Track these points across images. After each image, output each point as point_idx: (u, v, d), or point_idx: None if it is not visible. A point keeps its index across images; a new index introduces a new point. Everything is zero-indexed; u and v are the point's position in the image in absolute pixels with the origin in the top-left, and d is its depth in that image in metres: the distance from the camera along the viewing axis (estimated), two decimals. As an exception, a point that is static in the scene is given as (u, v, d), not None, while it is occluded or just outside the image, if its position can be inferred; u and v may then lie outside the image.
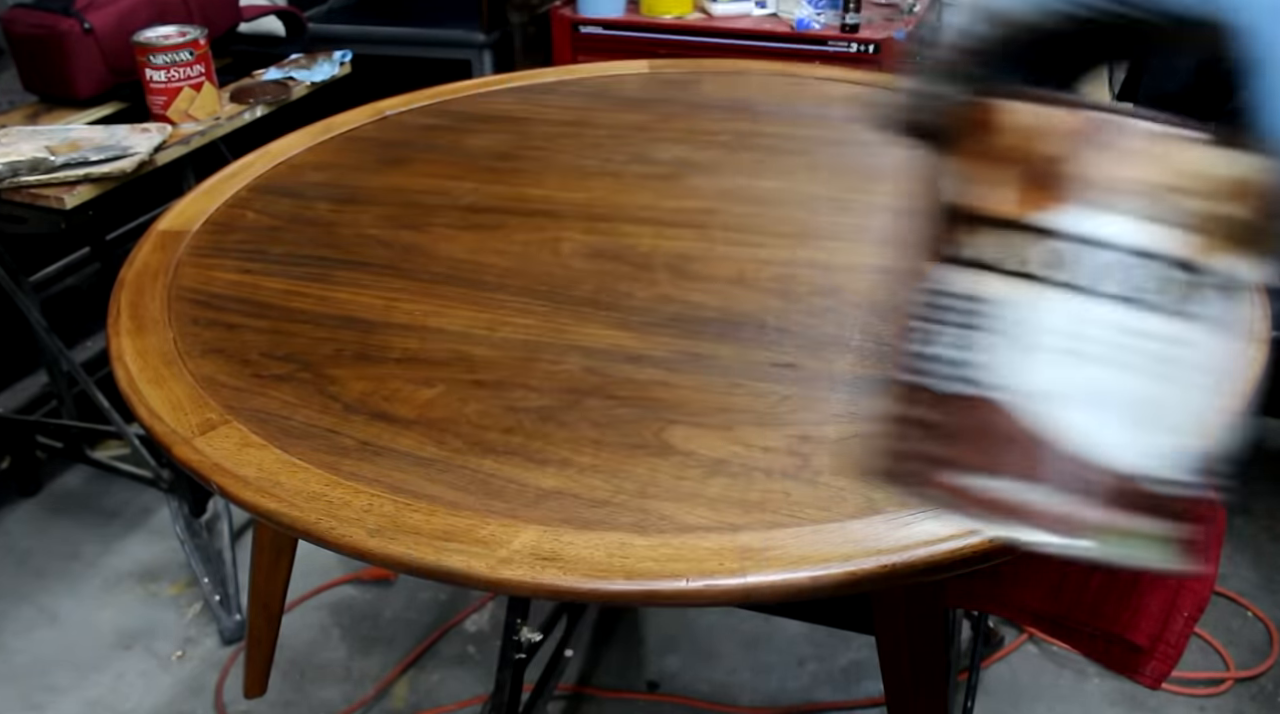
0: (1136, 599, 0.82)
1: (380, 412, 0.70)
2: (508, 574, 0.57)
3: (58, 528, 1.88)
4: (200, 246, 0.92)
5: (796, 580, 0.56)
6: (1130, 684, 1.05)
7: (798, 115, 1.17)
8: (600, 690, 1.56)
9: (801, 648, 1.62)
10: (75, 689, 1.58)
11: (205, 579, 1.69)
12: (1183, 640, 0.82)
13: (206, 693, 1.56)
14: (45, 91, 1.61)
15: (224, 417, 0.70)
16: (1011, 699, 1.53)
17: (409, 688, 1.57)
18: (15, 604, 1.72)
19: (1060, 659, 1.57)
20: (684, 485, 0.63)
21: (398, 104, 1.22)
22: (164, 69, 1.51)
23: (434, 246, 0.91)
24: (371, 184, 1.03)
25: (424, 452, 0.66)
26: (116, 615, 1.70)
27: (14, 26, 1.56)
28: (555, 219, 0.95)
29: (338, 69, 1.78)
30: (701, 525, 0.59)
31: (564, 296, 0.83)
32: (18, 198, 1.38)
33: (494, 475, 0.64)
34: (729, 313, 0.80)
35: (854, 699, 1.53)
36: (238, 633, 1.64)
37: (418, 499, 0.62)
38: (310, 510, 0.61)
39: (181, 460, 0.66)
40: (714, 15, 2.25)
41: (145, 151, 1.42)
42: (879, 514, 0.60)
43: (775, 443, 0.66)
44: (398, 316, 0.81)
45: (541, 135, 1.14)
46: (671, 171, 1.04)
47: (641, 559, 0.57)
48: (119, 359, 0.76)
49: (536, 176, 1.04)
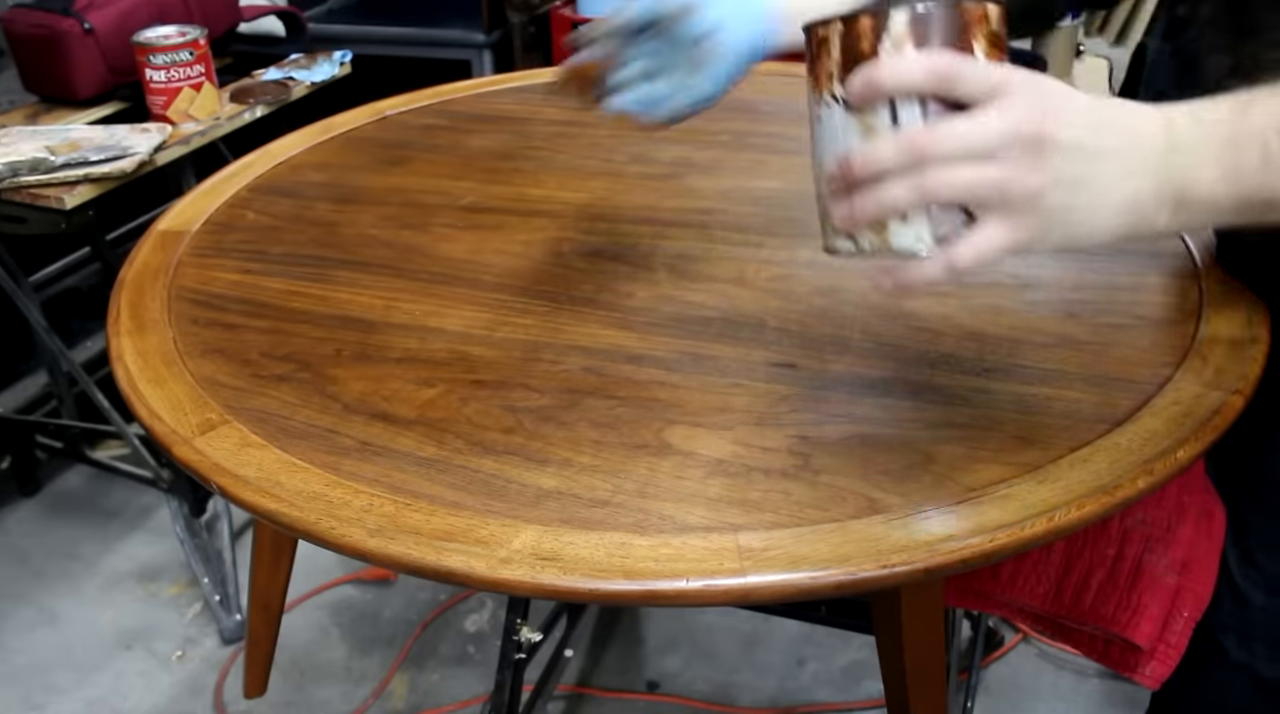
0: (1136, 599, 0.82)
1: (380, 412, 0.70)
2: (507, 574, 0.57)
3: (58, 528, 1.88)
4: (200, 247, 0.92)
5: (796, 581, 0.56)
6: (1130, 684, 1.05)
7: (798, 115, 1.17)
8: (600, 690, 1.56)
9: (801, 648, 1.62)
10: (75, 689, 1.58)
11: (205, 579, 1.69)
12: (1183, 641, 0.82)
13: (206, 693, 1.56)
14: (45, 91, 1.61)
15: (224, 417, 0.70)
16: (1011, 699, 1.53)
17: (409, 688, 1.57)
18: (15, 604, 1.72)
19: (1060, 659, 1.57)
20: (684, 485, 0.63)
21: (398, 104, 1.22)
22: (164, 69, 1.51)
23: (434, 246, 0.91)
24: (371, 184, 1.03)
25: (424, 452, 0.66)
26: (116, 615, 1.70)
27: (14, 26, 1.56)
28: (555, 219, 0.95)
29: (338, 69, 1.78)
30: (701, 525, 0.59)
31: (564, 296, 0.83)
32: (18, 198, 1.38)
33: (494, 475, 0.64)
34: (729, 313, 0.80)
35: (854, 699, 1.54)
36: (238, 633, 1.64)
37: (417, 499, 0.62)
38: (310, 510, 0.61)
39: (182, 461, 0.66)
40: (714, 15, 2.25)
41: (145, 151, 1.42)
42: (879, 514, 0.60)
43: (775, 443, 0.66)
44: (398, 317, 0.81)
45: (541, 135, 1.14)
46: (671, 171, 1.04)
47: (641, 559, 0.57)
48: (119, 359, 0.76)
49: (536, 176, 1.04)
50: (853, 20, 0.54)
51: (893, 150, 0.52)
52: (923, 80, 0.52)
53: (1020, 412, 0.68)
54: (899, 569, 0.56)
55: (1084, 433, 0.65)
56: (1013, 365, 0.73)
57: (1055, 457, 0.63)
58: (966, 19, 0.54)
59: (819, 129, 0.58)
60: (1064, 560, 0.85)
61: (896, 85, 0.52)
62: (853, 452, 0.65)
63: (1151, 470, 0.62)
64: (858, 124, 0.55)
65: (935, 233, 0.54)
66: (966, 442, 0.65)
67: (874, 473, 0.63)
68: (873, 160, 0.53)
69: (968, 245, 0.53)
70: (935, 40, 0.53)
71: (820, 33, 0.56)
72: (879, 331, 0.77)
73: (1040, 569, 0.86)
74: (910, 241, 0.55)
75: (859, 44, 0.54)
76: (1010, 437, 0.66)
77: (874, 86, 0.53)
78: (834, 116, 0.56)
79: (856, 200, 0.54)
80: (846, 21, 0.54)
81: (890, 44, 0.53)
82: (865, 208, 0.54)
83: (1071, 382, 0.70)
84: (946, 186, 0.52)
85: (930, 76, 0.52)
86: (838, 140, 0.56)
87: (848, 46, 0.54)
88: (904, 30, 0.53)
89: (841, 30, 0.55)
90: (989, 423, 0.67)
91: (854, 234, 0.57)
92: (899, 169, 0.52)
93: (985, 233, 0.53)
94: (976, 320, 0.77)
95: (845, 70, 0.54)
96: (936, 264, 0.54)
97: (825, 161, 0.57)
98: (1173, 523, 0.82)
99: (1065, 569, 0.85)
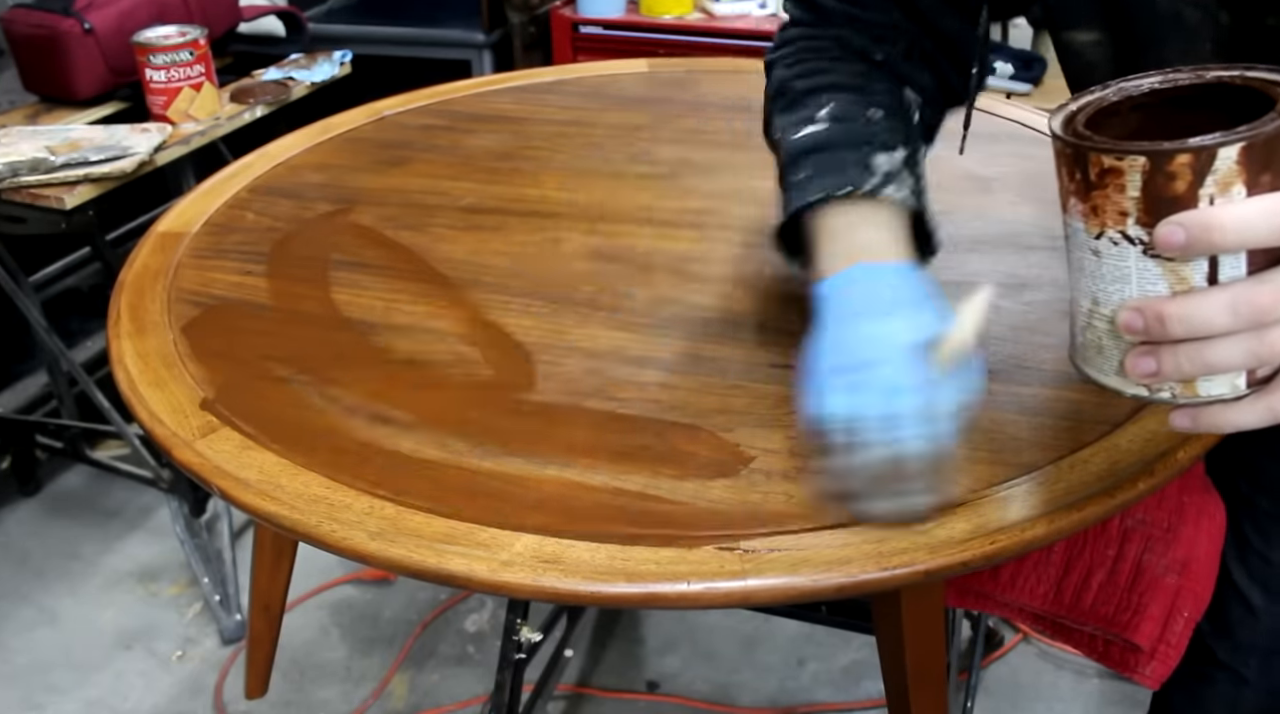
0: (1136, 600, 0.82)
1: (380, 414, 0.70)
2: (508, 577, 0.57)
3: (58, 528, 1.88)
4: (200, 248, 0.92)
5: (797, 584, 0.56)
6: (1130, 684, 1.05)
7: (798, 115, 1.17)
8: (600, 690, 1.56)
9: (801, 648, 1.62)
10: (75, 689, 1.58)
11: (205, 579, 1.69)
12: (1183, 641, 0.82)
13: (206, 693, 1.56)
14: (45, 91, 1.61)
15: (224, 419, 0.69)
16: (1011, 699, 1.53)
17: (409, 688, 1.57)
18: (15, 604, 1.72)
19: (1060, 659, 1.57)
20: (685, 487, 0.63)
21: (397, 104, 1.22)
22: (164, 69, 1.51)
23: (434, 247, 0.91)
24: (371, 185, 1.03)
25: (425, 454, 0.66)
26: (116, 615, 1.70)
27: (14, 26, 1.56)
28: (555, 219, 0.95)
29: (337, 69, 1.78)
30: (703, 528, 0.59)
31: (564, 297, 0.83)
32: (18, 198, 1.37)
33: (495, 477, 0.64)
34: (730, 314, 0.80)
35: (854, 699, 1.54)
36: (238, 633, 1.64)
37: (418, 502, 0.62)
38: (311, 513, 0.61)
39: (182, 463, 0.66)
40: (714, 15, 2.25)
41: (145, 151, 1.42)
42: (879, 516, 0.60)
43: (775, 444, 0.66)
44: (398, 318, 0.81)
45: (541, 135, 1.13)
46: (671, 171, 1.04)
47: (643, 562, 0.57)
48: (119, 362, 0.76)
49: (536, 177, 1.04)
50: (1164, 156, 0.43)
51: (1227, 312, 0.44)
52: (1269, 237, 0.43)
53: (1020, 412, 0.68)
54: (899, 571, 0.56)
55: (1084, 434, 0.65)
56: (1013, 366, 0.73)
57: (1055, 457, 0.63)
58: None
59: (1094, 263, 0.47)
60: (1064, 561, 0.85)
61: (1240, 244, 0.43)
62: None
63: (1151, 471, 0.62)
64: (1164, 273, 0.45)
65: (1252, 375, 0.46)
66: (966, 442, 0.65)
67: (874, 474, 0.63)
68: (1201, 323, 0.44)
69: None
70: (1269, 173, 0.43)
71: (1105, 162, 0.45)
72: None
73: (1040, 569, 0.86)
74: (1224, 389, 0.47)
75: (1171, 183, 0.43)
76: (1010, 437, 0.66)
77: (1207, 245, 0.43)
78: (1125, 256, 0.46)
79: (1167, 357, 0.46)
80: (1153, 156, 0.43)
81: (1215, 186, 0.43)
82: (1183, 368, 0.46)
83: (1071, 382, 0.70)
84: None
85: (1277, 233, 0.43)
86: (1130, 284, 0.46)
87: (1154, 184, 0.43)
88: (1233, 169, 0.43)
89: (1147, 167, 0.43)
90: (989, 424, 0.67)
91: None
92: (1232, 331, 0.44)
93: None
94: (977, 321, 0.77)
95: (1149, 213, 0.44)
96: (1256, 410, 0.47)
97: (1110, 301, 0.47)
98: (1173, 523, 0.82)
99: (1065, 569, 0.85)
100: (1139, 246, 0.45)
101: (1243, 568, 0.86)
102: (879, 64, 0.73)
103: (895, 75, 0.73)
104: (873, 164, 0.65)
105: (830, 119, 0.69)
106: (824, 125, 0.69)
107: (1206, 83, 0.48)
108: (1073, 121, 0.48)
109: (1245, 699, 0.90)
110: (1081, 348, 0.51)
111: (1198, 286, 0.45)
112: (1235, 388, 0.46)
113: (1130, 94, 0.49)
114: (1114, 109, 0.49)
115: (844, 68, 0.73)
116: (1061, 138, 0.47)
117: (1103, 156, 0.44)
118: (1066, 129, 0.48)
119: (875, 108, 0.69)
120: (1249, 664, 0.89)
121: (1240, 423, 0.47)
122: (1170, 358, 0.46)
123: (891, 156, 0.66)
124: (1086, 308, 0.49)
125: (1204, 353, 0.45)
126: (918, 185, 0.68)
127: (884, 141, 0.67)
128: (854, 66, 0.73)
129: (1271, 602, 0.86)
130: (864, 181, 0.65)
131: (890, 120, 0.69)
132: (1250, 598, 0.86)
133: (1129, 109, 0.49)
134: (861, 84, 0.71)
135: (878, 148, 0.66)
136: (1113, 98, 0.49)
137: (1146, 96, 0.49)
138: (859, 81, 0.71)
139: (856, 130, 0.68)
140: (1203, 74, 0.48)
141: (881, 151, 0.66)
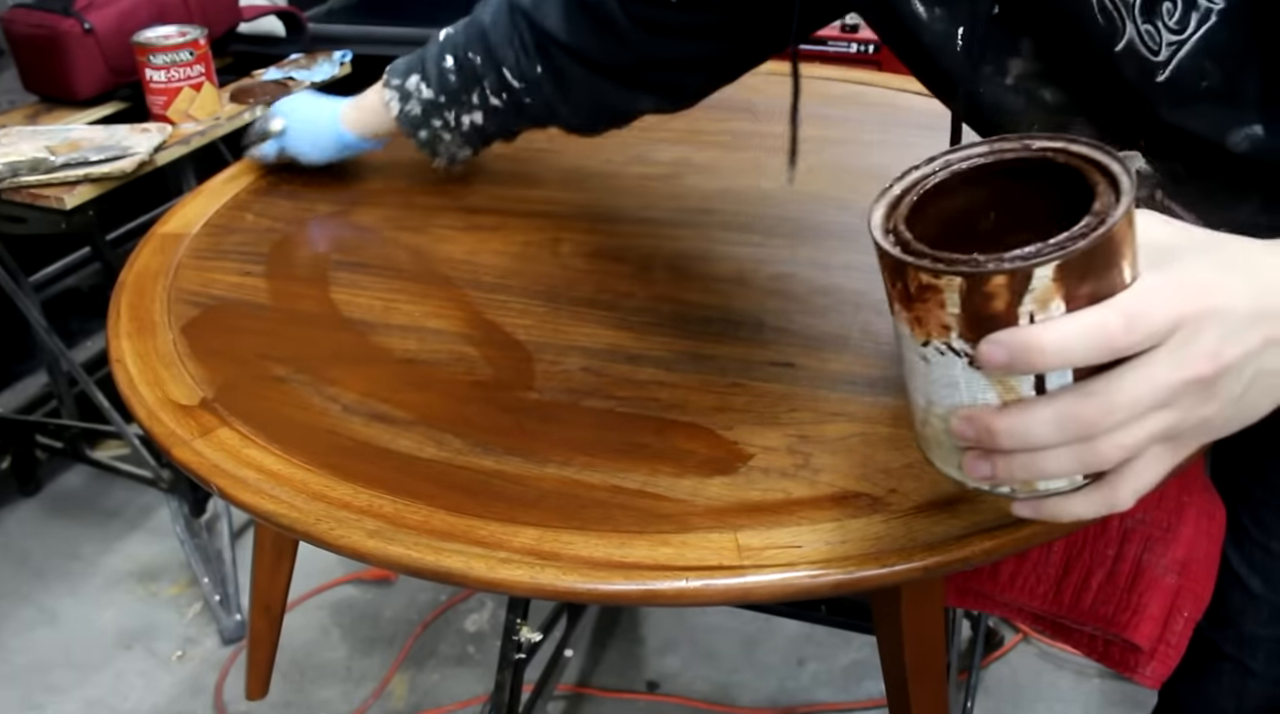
0: (1136, 599, 0.82)
1: (379, 413, 0.70)
2: (507, 575, 0.57)
3: (58, 528, 1.88)
4: (200, 249, 0.92)
5: (795, 580, 0.56)
6: (1130, 684, 1.05)
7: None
8: (600, 690, 1.56)
9: (801, 648, 1.62)
10: (75, 689, 1.58)
11: (205, 579, 1.69)
12: (1183, 641, 0.82)
13: (206, 693, 1.57)
14: (45, 91, 1.61)
15: (224, 419, 0.70)
16: (1011, 699, 1.53)
17: (409, 688, 1.57)
18: (15, 604, 1.72)
19: (1060, 659, 1.57)
20: (683, 485, 0.63)
21: (397, 104, 1.22)
22: (164, 69, 1.51)
23: (433, 247, 0.91)
24: (370, 185, 1.03)
25: (423, 452, 0.66)
26: (116, 615, 1.70)
27: (14, 26, 1.56)
28: (555, 219, 0.95)
29: (338, 69, 1.78)
30: (701, 525, 0.59)
31: (564, 297, 0.83)
32: (18, 198, 1.37)
33: (494, 475, 0.64)
34: (729, 313, 0.80)
35: (854, 699, 1.54)
36: (238, 633, 1.64)
37: (417, 500, 0.62)
38: (310, 512, 0.61)
39: (181, 462, 0.66)
40: (714, 15, 2.25)
41: (145, 151, 1.42)
42: (878, 514, 0.60)
43: (775, 443, 0.66)
44: (397, 317, 0.81)
45: (541, 135, 1.13)
46: (671, 171, 1.04)
47: (641, 559, 0.57)
48: (119, 361, 0.76)
49: (536, 177, 1.04)
50: (980, 277, 0.41)
51: (1053, 428, 0.43)
52: (1088, 356, 0.42)
53: (1020, 411, 0.68)
54: (898, 569, 0.56)
55: (1083, 433, 0.65)
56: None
57: (1055, 457, 0.63)
58: (1116, 242, 0.41)
59: (924, 367, 0.46)
60: (1064, 560, 0.85)
61: (1061, 364, 0.42)
62: (852, 451, 0.65)
63: (1151, 470, 0.61)
64: (992, 383, 0.44)
65: (1089, 471, 0.46)
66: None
67: (873, 472, 0.63)
68: (1030, 438, 0.44)
69: (1129, 484, 0.46)
70: (1087, 286, 0.41)
71: (923, 278, 0.42)
72: (879, 331, 0.77)
73: (1040, 569, 0.86)
74: (1062, 484, 0.46)
75: (990, 302, 0.42)
76: (1010, 437, 0.66)
77: (1027, 365, 0.42)
78: (952, 366, 0.44)
79: (1001, 464, 0.46)
80: (969, 277, 0.41)
81: (1033, 303, 0.41)
82: (1016, 475, 0.46)
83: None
84: (1118, 449, 0.44)
85: (1100, 352, 0.42)
86: (959, 391, 0.45)
87: (972, 302, 0.42)
88: (1050, 287, 0.41)
89: (964, 287, 0.41)
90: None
91: None
92: (1060, 441, 0.44)
93: (1148, 467, 0.45)
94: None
95: (971, 329, 0.43)
96: (1093, 504, 0.46)
97: (942, 403, 0.46)
98: (1173, 523, 0.82)
99: (1065, 569, 0.85)
100: (965, 358, 0.44)
101: (1241, 557, 0.86)
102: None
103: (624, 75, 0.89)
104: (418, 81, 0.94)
105: (469, 52, 0.92)
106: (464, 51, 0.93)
107: (1033, 155, 0.46)
108: (896, 209, 0.46)
109: (1252, 690, 0.90)
110: (922, 439, 0.50)
111: (1026, 395, 0.44)
112: (1073, 482, 0.46)
113: (957, 170, 0.47)
114: (943, 187, 0.47)
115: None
116: (880, 246, 0.44)
117: (920, 273, 0.42)
118: (888, 220, 0.45)
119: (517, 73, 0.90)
120: (1255, 656, 0.89)
121: (1079, 514, 0.47)
122: (1004, 465, 0.46)
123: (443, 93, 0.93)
124: (922, 405, 0.48)
125: (1036, 462, 0.45)
126: (443, 130, 0.95)
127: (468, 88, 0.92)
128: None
129: (1272, 590, 0.86)
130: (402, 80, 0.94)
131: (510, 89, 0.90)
132: (1250, 585, 0.86)
133: (959, 182, 0.47)
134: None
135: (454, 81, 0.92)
136: (939, 175, 0.47)
137: (975, 171, 0.47)
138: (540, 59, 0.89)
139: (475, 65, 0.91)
140: (1029, 144, 0.46)
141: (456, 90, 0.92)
